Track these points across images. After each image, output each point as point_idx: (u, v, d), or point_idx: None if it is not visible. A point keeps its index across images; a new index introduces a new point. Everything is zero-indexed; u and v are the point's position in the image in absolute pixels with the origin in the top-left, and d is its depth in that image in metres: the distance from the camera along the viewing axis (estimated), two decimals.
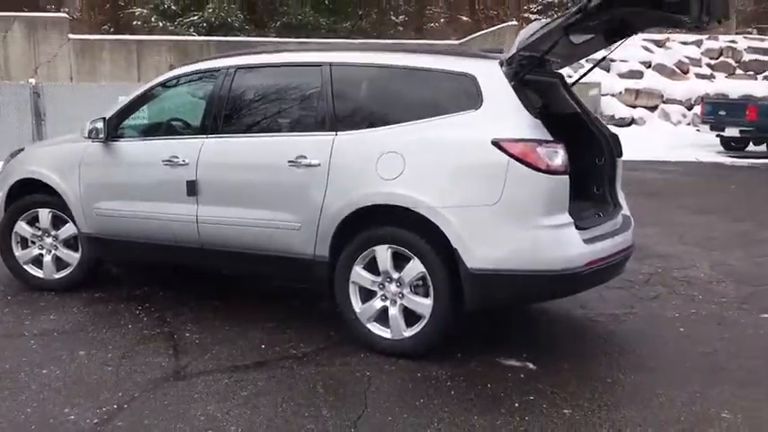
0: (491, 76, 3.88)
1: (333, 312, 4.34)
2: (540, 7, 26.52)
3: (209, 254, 4.59)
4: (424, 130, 3.90)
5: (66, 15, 19.78)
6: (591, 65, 5.51)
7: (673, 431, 3.17)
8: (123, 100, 5.04)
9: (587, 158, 4.69)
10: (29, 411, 3.31)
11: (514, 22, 18.96)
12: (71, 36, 19.27)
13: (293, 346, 4.16)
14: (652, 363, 3.97)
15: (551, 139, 3.73)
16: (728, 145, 17.22)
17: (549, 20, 3.93)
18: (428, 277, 3.84)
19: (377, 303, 4.02)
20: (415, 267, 3.87)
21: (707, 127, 16.95)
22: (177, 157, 4.55)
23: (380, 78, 4.21)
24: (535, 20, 23.34)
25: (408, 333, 3.94)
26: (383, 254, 3.95)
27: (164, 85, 4.94)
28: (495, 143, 3.68)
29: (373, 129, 4.04)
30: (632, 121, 19.30)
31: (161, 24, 21.47)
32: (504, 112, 3.79)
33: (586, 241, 3.85)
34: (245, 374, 3.75)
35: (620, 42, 4.65)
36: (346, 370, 3.81)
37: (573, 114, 4.74)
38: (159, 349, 4.12)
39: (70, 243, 5.21)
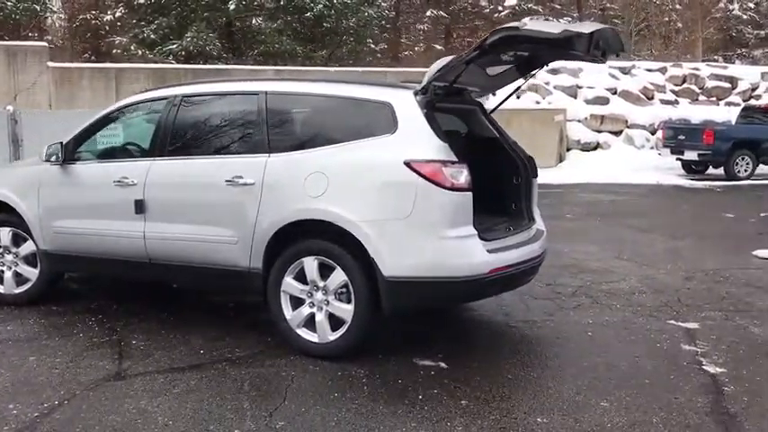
0: (405, 104, 4.31)
1: (272, 321, 4.71)
2: None
3: (156, 268, 4.95)
4: (346, 152, 4.32)
5: (46, 44, 20.16)
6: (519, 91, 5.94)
7: (554, 415, 3.57)
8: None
9: (505, 178, 5.14)
10: None
11: None
12: (50, 64, 19.64)
13: (229, 351, 4.52)
14: (553, 362, 4.37)
15: (456, 160, 4.16)
16: (689, 168, 17.81)
17: (456, 55, 4.38)
18: (350, 285, 4.24)
19: (305, 310, 4.40)
20: (339, 276, 4.27)
21: (667, 150, 17.56)
22: (127, 178, 4.94)
23: (310, 105, 4.64)
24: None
25: (333, 337, 4.32)
26: (310, 264, 4.35)
27: (118, 111, 5.34)
28: (407, 164, 4.11)
29: (302, 151, 4.45)
30: (597, 146, 19.88)
31: (140, 53, 21.93)
32: (415, 137, 4.22)
33: (491, 251, 4.26)
34: (180, 375, 4.11)
35: (532, 74, 5.14)
36: (273, 371, 4.18)
37: (491, 138, 5.20)
38: (105, 355, 4.47)
39: (30, 260, 5.55)
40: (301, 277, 4.40)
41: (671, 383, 4.01)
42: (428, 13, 27.38)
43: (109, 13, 25.07)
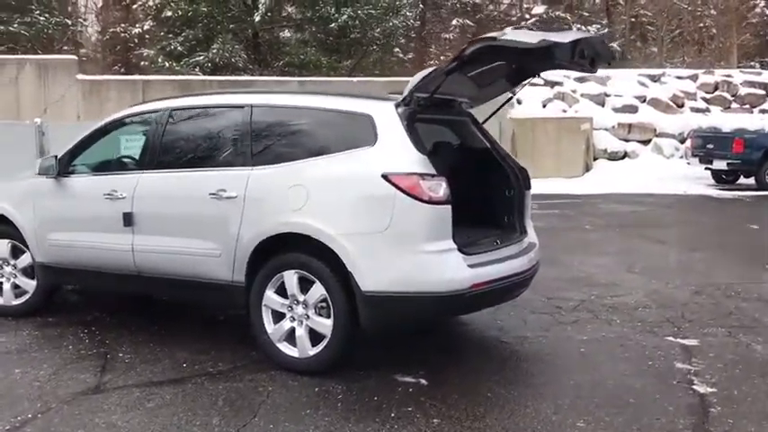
0: (386, 116, 4.26)
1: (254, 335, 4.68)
2: None
3: (145, 281, 4.96)
4: (326, 165, 4.28)
5: (75, 57, 20.55)
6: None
7: None
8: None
9: (497, 190, 5.04)
10: None
11: None
12: (79, 77, 20.05)
13: (212, 365, 4.50)
14: (537, 380, 4.26)
15: (434, 172, 4.08)
16: (719, 178, 17.39)
17: (438, 66, 4.32)
18: (329, 299, 4.18)
19: (286, 324, 4.36)
20: (318, 290, 4.22)
21: (696, 160, 17.17)
22: (116, 191, 4.97)
23: (292, 118, 4.61)
24: None
25: (313, 352, 4.27)
26: (291, 278, 4.31)
27: (111, 125, 5.39)
28: (384, 176, 4.05)
29: (284, 163, 4.42)
30: (625, 155, 19.54)
31: (167, 65, 22.23)
32: (394, 149, 4.16)
33: (473, 266, 4.17)
34: (158, 389, 4.10)
35: (523, 84, 5.05)
36: (251, 386, 4.14)
37: (483, 150, 5.10)
38: (89, 367, 4.48)
39: (27, 271, 5.61)
40: (282, 291, 4.36)
41: (655, 403, 3.87)
42: (454, 23, 27.34)
43: (137, 26, 25.51)
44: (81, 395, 4.01)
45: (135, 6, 25.38)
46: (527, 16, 28.59)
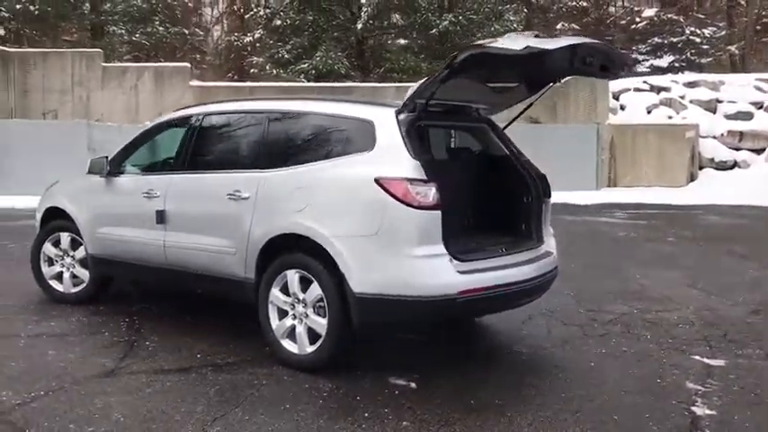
0: (385, 122, 4.33)
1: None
2: (648, 48, 25.94)
3: (175, 274, 5.28)
4: (328, 168, 4.41)
5: (188, 65, 21.80)
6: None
7: None
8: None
9: (514, 197, 4.99)
10: None
11: None
12: (192, 83, 21.27)
13: (222, 357, 4.72)
14: (528, 391, 4.17)
15: (425, 178, 4.11)
16: None
17: (436, 73, 4.33)
18: (324, 299, 4.31)
19: (288, 321, 4.52)
20: (316, 290, 4.35)
21: None
22: (153, 190, 5.32)
23: (301, 123, 4.77)
24: (643, 60, 22.76)
25: (310, 349, 4.41)
26: (292, 277, 4.47)
27: (155, 128, 5.77)
28: (377, 181, 4.12)
29: (292, 167, 4.59)
30: (735, 164, 18.43)
31: (275, 72, 23.15)
32: (390, 154, 4.22)
33: (466, 272, 4.16)
34: (163, 376, 4.36)
35: (543, 91, 4.97)
36: (249, 379, 4.32)
37: (502, 157, 5.06)
38: (114, 353, 4.82)
39: (83, 262, 6.10)
40: (286, 289, 4.53)
41: (641, 423, 3.71)
42: (558, 26, 26.70)
43: (249, 35, 26.71)
44: (95, 378, 4.34)
45: (247, 16, 26.59)
46: (637, 19, 27.49)
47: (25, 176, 15.67)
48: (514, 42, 3.88)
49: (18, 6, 22.98)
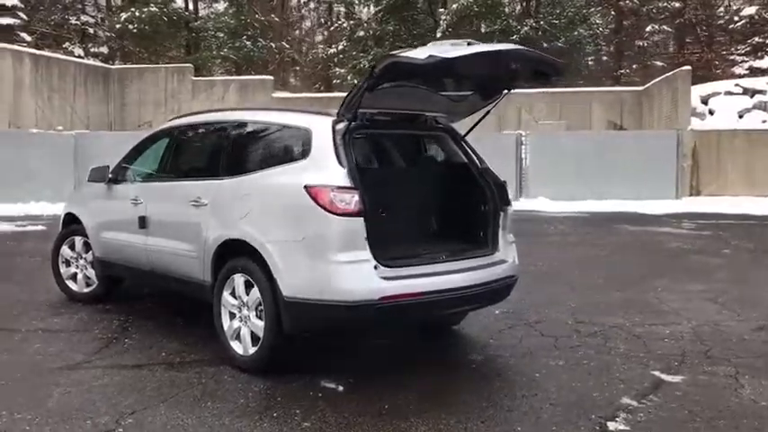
0: (321, 130, 4.44)
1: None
2: (747, 48, 24.41)
3: (156, 276, 5.60)
4: (268, 176, 4.58)
5: (271, 77, 22.65)
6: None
7: None
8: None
9: (469, 205, 4.96)
10: None
11: (688, 68, 17.88)
12: (274, 95, 22.10)
13: (183, 356, 4.96)
14: (453, 398, 4.14)
15: (350, 185, 4.18)
16: None
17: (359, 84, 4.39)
18: (262, 302, 4.46)
19: (235, 324, 4.71)
20: (255, 294, 4.51)
21: None
22: (138, 198, 5.67)
23: (253, 132, 4.98)
24: (741, 61, 21.54)
25: (252, 351, 4.57)
26: (238, 281, 4.65)
27: (148, 139, 6.13)
28: (306, 188, 4.24)
29: (242, 175, 4.79)
30: None
31: (356, 82, 23.60)
32: (320, 162, 4.33)
33: (392, 278, 4.20)
34: (117, 371, 4.65)
35: (494, 101, 4.93)
36: (191, 377, 4.52)
37: (460, 164, 5.04)
38: (89, 349, 5.16)
39: (93, 265, 6.55)
40: (234, 293, 4.71)
41: None
42: (648, 29, 25.56)
43: (333, 46, 27.36)
44: (56, 370, 4.67)
45: (332, 29, 27.28)
46: (735, 18, 25.89)
47: None
48: (422, 52, 3.90)
49: (118, 26, 24.63)
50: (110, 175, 6.14)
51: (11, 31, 23.93)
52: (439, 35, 22.54)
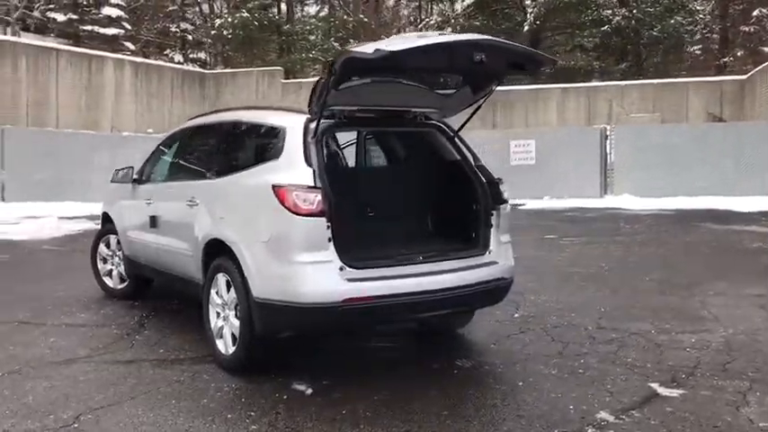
0: (293, 129, 4.37)
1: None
2: None
3: (166, 275, 5.73)
4: (247, 176, 4.57)
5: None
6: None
7: None
8: None
9: (458, 203, 4.76)
10: None
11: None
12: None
13: (177, 354, 5.04)
14: (412, 405, 3.96)
15: (312, 185, 4.08)
16: None
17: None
18: (239, 302, 4.45)
19: (219, 322, 4.73)
20: (233, 293, 4.51)
21: None
22: (150, 198, 5.83)
23: (240, 133, 4.98)
24: None
25: (231, 350, 4.57)
26: (221, 280, 4.67)
27: (164, 142, 6.29)
28: (273, 188, 4.19)
29: (228, 175, 4.81)
30: None
31: None
32: (290, 161, 4.27)
33: (357, 280, 4.08)
34: (106, 366, 4.77)
35: (485, 95, 4.71)
36: (172, 375, 4.57)
37: (450, 162, 4.84)
38: (101, 343, 5.33)
39: (123, 262, 6.79)
40: (219, 291, 4.73)
41: None
42: (755, 13, 23.64)
43: None
44: (53, 364, 4.85)
45: (420, 25, 27.14)
46: None
47: None
48: (372, 46, 3.76)
49: (213, 32, 25.61)
50: (134, 176, 6.34)
51: (116, 41, 25.39)
52: (526, 28, 21.97)
